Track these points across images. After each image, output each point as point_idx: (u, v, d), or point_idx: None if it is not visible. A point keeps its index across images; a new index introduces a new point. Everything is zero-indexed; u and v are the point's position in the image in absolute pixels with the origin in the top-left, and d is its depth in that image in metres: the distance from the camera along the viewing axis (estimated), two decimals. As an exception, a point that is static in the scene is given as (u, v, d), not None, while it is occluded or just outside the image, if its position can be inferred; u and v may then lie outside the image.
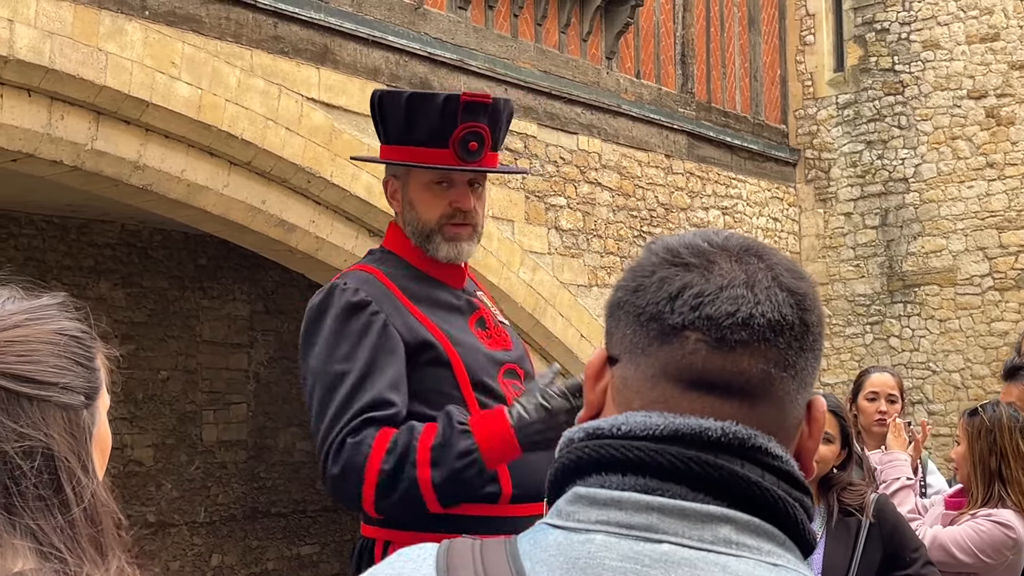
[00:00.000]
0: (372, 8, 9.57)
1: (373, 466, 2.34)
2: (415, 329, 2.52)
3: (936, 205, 13.60)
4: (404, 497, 2.35)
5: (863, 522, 3.46)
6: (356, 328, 2.47)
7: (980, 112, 13.40)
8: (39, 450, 1.18)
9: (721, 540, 0.97)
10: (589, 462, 1.02)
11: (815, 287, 1.07)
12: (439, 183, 2.63)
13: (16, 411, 1.19)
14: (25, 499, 1.16)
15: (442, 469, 2.34)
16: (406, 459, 2.34)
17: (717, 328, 1.00)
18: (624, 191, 12.01)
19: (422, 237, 2.65)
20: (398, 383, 2.45)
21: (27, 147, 7.61)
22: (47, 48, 7.34)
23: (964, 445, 4.08)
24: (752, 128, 14.05)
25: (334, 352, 2.47)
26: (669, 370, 1.02)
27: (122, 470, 12.38)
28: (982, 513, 3.95)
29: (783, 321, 1.02)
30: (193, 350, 13.40)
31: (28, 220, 12.09)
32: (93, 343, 1.31)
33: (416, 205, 2.65)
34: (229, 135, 8.37)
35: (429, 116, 2.59)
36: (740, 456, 0.99)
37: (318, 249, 9.35)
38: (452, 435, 2.36)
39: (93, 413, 1.27)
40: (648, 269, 1.05)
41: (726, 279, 1.02)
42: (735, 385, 1.01)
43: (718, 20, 13.57)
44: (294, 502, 14.28)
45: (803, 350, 1.03)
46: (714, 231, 1.08)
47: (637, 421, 1.01)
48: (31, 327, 1.25)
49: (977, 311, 13.34)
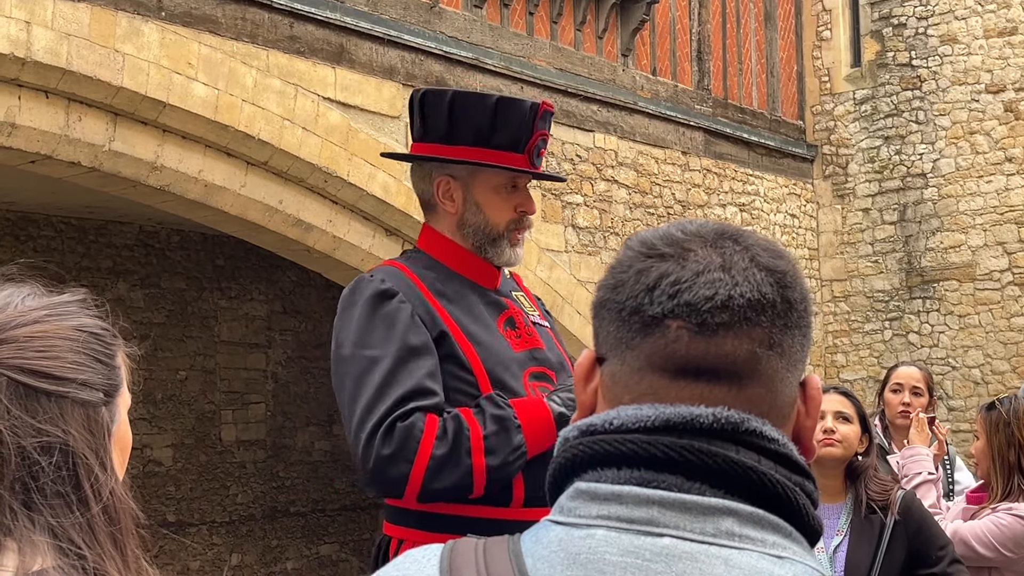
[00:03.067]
0: (388, 7, 9.58)
1: (425, 450, 2.35)
2: (436, 320, 2.53)
3: (955, 200, 13.53)
4: (456, 483, 2.38)
5: (888, 520, 3.43)
6: (385, 314, 2.48)
7: (998, 106, 13.33)
8: (57, 446, 1.18)
9: (723, 533, 0.96)
10: (584, 459, 1.01)
11: (795, 264, 1.06)
12: (507, 187, 2.66)
13: (34, 407, 1.19)
14: (44, 495, 1.16)
15: (497, 457, 2.39)
16: (459, 446, 2.37)
17: (697, 313, 1.00)
18: (641, 188, 11.99)
19: (487, 240, 2.67)
20: (435, 372, 2.47)
21: (45, 149, 7.64)
22: (64, 50, 7.37)
23: (983, 439, 4.07)
24: (769, 124, 14.00)
25: (367, 338, 2.48)
26: (655, 360, 1.01)
27: (141, 470, 12.43)
28: (1003, 507, 3.93)
29: (763, 300, 1.01)
30: (211, 350, 13.44)
31: (46, 222, 12.15)
32: (114, 341, 1.31)
33: (485, 207, 2.66)
34: (246, 135, 8.39)
35: (513, 121, 2.62)
36: (734, 441, 0.98)
37: (335, 249, 9.37)
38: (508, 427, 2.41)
39: (112, 410, 1.27)
40: (625, 264, 1.06)
41: (702, 264, 1.02)
42: (721, 368, 1.00)
43: (734, 16, 13.54)
44: (313, 501, 14.31)
45: (788, 327, 1.03)
46: (689, 221, 1.08)
47: (628, 414, 1.00)
48: (51, 323, 1.24)
49: (996, 306, 13.27)
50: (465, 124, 2.63)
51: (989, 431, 4.03)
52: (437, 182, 2.69)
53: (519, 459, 2.42)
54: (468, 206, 2.67)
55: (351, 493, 14.40)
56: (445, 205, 2.69)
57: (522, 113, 2.62)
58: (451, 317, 2.55)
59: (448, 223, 2.70)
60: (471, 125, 2.62)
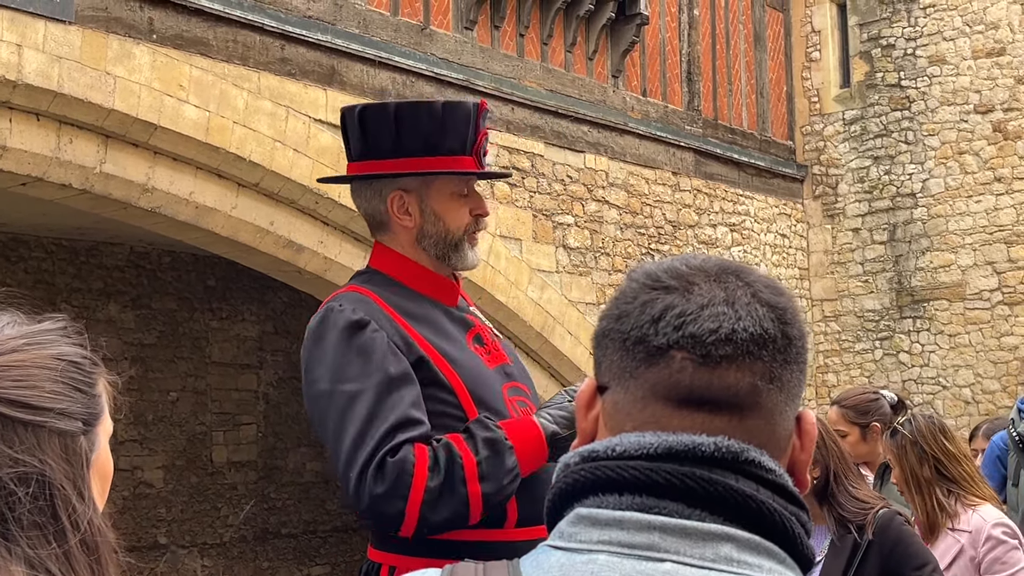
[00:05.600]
0: (379, 29, 9.62)
1: (419, 484, 2.30)
2: (412, 346, 2.47)
3: (944, 220, 13.58)
4: (454, 514, 2.33)
5: (863, 539, 3.43)
6: (360, 345, 2.42)
7: (987, 127, 13.40)
8: (34, 476, 1.18)
9: (722, 558, 0.98)
10: (585, 484, 1.02)
11: (795, 301, 1.09)
12: (461, 192, 2.62)
13: (11, 436, 1.18)
14: (21, 526, 1.16)
15: (492, 483, 2.34)
16: (453, 476, 2.32)
17: (701, 345, 1.02)
18: (632, 209, 12.02)
19: (448, 247, 2.61)
20: (418, 400, 2.41)
21: (36, 171, 7.65)
22: (55, 72, 7.38)
23: (895, 466, 4.04)
24: (759, 144, 14.05)
25: (344, 372, 2.42)
26: (658, 390, 1.03)
27: (132, 492, 12.39)
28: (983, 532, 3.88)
29: (765, 335, 1.04)
30: (202, 371, 13.42)
31: (37, 243, 12.14)
32: (94, 368, 1.30)
33: (443, 216, 2.60)
34: (237, 157, 8.40)
35: (459, 125, 2.58)
36: (734, 471, 1.00)
37: (326, 270, 9.37)
38: (500, 449, 2.36)
39: (92, 439, 1.26)
40: (630, 296, 1.07)
41: (706, 298, 1.04)
42: (723, 399, 1.02)
43: (724, 37, 13.60)
44: (304, 523, 14.26)
45: (787, 363, 1.05)
46: (692, 255, 1.10)
47: (631, 441, 1.02)
48: (29, 352, 1.24)
49: (987, 326, 13.30)
50: (414, 134, 2.58)
51: (899, 455, 4.00)
52: (391, 198, 2.61)
53: (514, 481, 2.38)
54: (426, 217, 2.61)
55: (343, 514, 14.36)
56: (402, 220, 2.62)
57: (466, 114, 2.59)
58: (426, 340, 2.50)
59: (405, 238, 2.63)
60: (420, 134, 2.58)
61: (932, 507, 3.93)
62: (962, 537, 3.88)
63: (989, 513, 3.91)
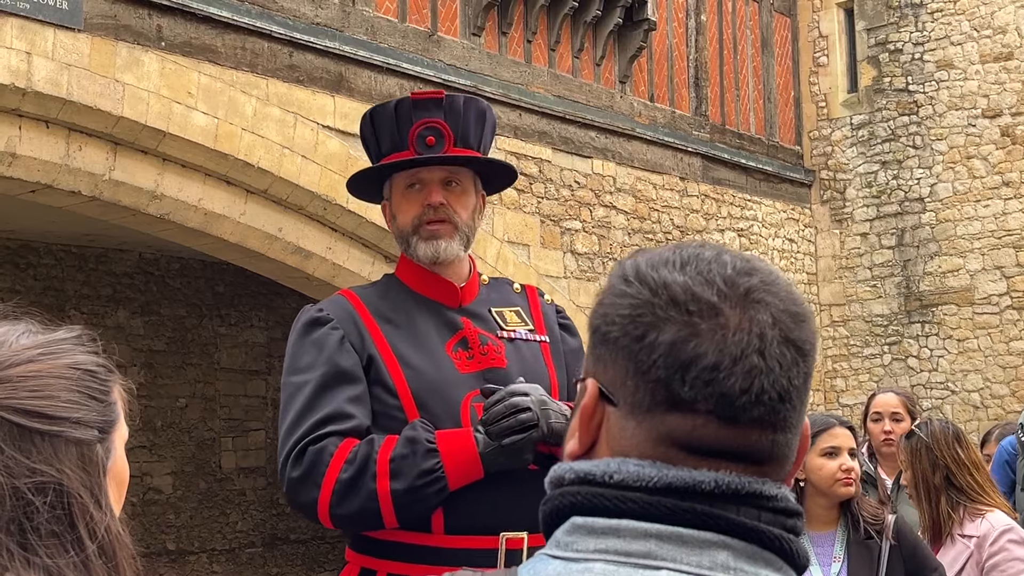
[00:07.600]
0: (386, 36, 9.63)
1: (332, 475, 2.35)
2: (367, 344, 2.51)
3: (952, 224, 13.56)
4: (362, 508, 2.35)
5: (884, 544, 3.47)
6: (314, 340, 2.50)
7: (995, 131, 13.38)
8: (51, 486, 1.18)
9: (719, 566, 0.97)
10: (583, 510, 1.02)
11: (812, 317, 1.07)
12: (411, 186, 2.63)
13: (28, 447, 1.19)
14: (39, 535, 1.17)
15: (402, 482, 2.33)
16: (365, 470, 2.34)
17: (730, 407, 1.00)
18: (639, 214, 12.02)
19: (403, 242, 2.65)
20: (359, 398, 2.45)
21: (45, 178, 7.67)
22: (65, 80, 7.41)
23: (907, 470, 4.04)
24: (767, 149, 14.05)
25: (295, 364, 2.52)
26: (676, 437, 1.01)
27: (141, 498, 12.41)
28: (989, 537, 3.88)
29: (791, 388, 1.02)
30: (211, 377, 13.44)
31: (47, 250, 12.17)
32: (109, 376, 1.31)
33: (397, 213, 2.65)
34: (246, 164, 8.42)
35: (386, 124, 2.64)
36: (735, 503, 1.00)
37: (335, 276, 9.38)
38: (417, 450, 2.35)
39: (108, 447, 1.27)
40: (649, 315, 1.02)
41: (738, 348, 1.00)
42: (741, 453, 1.01)
43: (731, 43, 13.60)
44: (313, 529, 14.27)
45: (802, 402, 1.04)
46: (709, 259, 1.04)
47: (630, 471, 1.00)
48: (44, 362, 1.25)
49: (995, 330, 13.27)
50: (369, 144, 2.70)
51: (912, 459, 4.01)
52: (382, 208, 2.74)
53: (431, 485, 2.33)
54: (394, 219, 2.67)
55: (351, 520, 14.35)
56: (391, 227, 2.71)
57: (390, 112, 2.63)
58: (387, 341, 2.52)
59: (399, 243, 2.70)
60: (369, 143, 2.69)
61: (938, 515, 3.94)
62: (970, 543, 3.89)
63: (999, 519, 3.91)
